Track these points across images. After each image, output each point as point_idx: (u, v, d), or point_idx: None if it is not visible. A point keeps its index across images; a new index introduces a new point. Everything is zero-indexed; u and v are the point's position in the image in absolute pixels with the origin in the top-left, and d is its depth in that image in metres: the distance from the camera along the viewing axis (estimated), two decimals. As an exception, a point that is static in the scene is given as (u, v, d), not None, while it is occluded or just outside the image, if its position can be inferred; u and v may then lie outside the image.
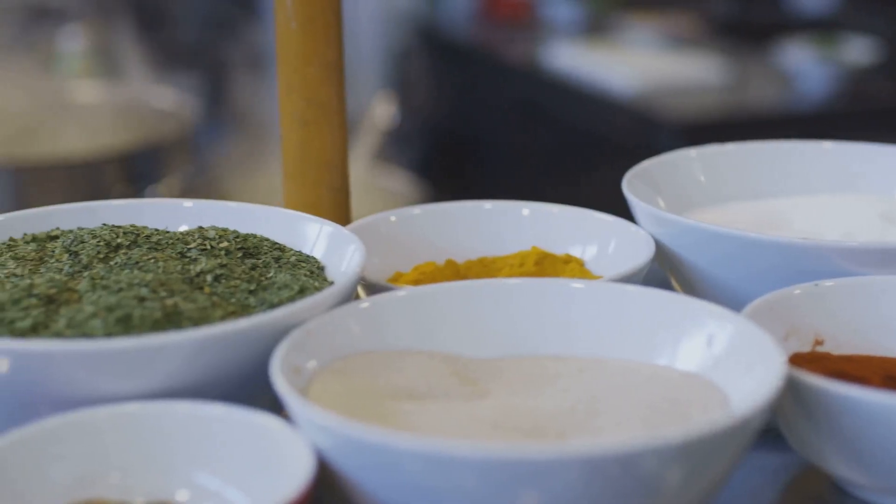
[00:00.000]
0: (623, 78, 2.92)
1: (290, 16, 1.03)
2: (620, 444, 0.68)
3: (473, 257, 1.06)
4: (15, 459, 0.73)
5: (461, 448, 0.68)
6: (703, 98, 2.87)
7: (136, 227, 0.96)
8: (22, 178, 1.99)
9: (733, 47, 3.27)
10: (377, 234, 1.02)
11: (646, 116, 2.83)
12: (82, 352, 0.76)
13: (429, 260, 1.05)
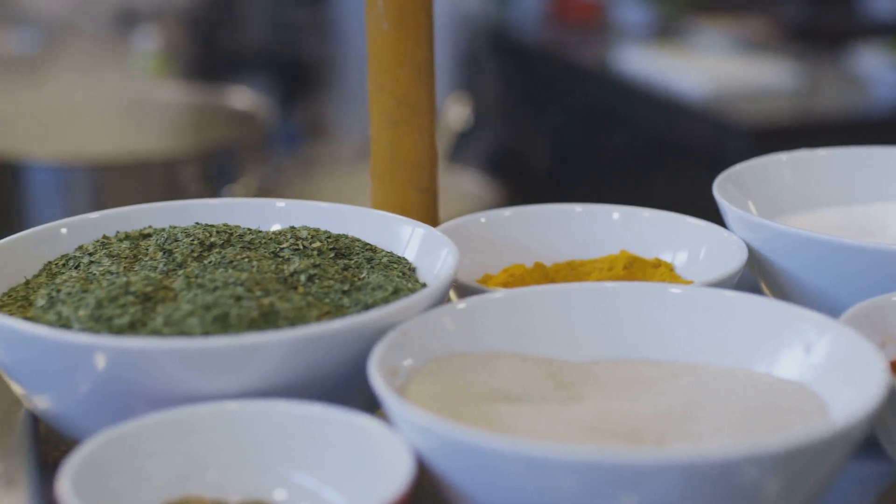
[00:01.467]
0: (694, 82, 2.90)
1: (381, 16, 1.03)
2: (721, 452, 0.67)
3: (561, 260, 1.05)
4: (115, 455, 0.73)
5: (562, 451, 0.67)
6: (774, 103, 2.85)
7: (228, 226, 0.96)
8: (99, 177, 2.00)
9: (805, 52, 3.24)
10: (467, 235, 1.01)
11: (716, 121, 2.81)
12: (180, 350, 0.76)
13: (517, 262, 1.04)
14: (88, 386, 0.79)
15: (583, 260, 1.04)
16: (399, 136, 1.06)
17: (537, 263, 1.03)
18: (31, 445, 0.86)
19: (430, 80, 1.06)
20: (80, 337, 0.78)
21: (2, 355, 0.83)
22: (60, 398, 0.82)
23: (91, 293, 0.85)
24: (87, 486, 0.70)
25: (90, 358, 0.77)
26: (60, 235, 0.97)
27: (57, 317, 0.84)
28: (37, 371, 0.81)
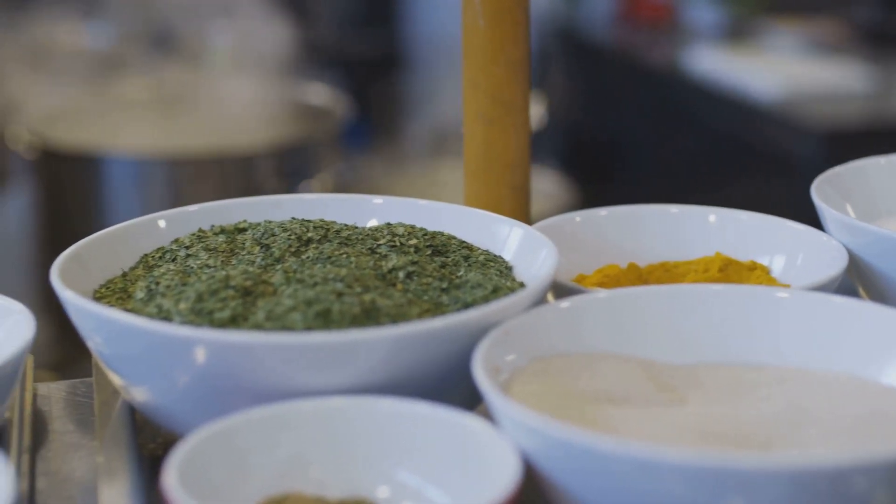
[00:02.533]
0: (765, 83, 2.88)
1: (477, 13, 1.03)
2: (832, 459, 0.66)
3: (655, 261, 1.04)
4: (219, 448, 0.73)
5: (671, 454, 0.66)
6: (846, 105, 2.82)
7: (324, 221, 0.96)
8: (176, 171, 2.01)
9: (878, 54, 3.21)
10: (561, 234, 1.00)
11: (788, 123, 2.78)
12: (284, 345, 0.76)
13: (610, 262, 1.03)
14: (188, 379, 0.79)
15: (677, 261, 1.03)
16: (493, 134, 1.05)
17: (631, 264, 1.02)
18: (129, 437, 0.86)
19: (526, 77, 1.05)
20: (183, 330, 0.77)
21: (102, 346, 0.83)
22: (159, 390, 0.82)
23: (191, 286, 0.85)
24: (191, 478, 0.70)
25: (192, 351, 0.77)
26: (157, 228, 0.97)
27: (157, 310, 0.84)
28: (137, 363, 0.81)
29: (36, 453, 0.87)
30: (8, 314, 0.88)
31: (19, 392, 0.91)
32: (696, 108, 3.14)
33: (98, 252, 0.93)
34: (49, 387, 0.97)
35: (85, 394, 0.96)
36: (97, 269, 0.92)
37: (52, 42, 2.63)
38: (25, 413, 0.90)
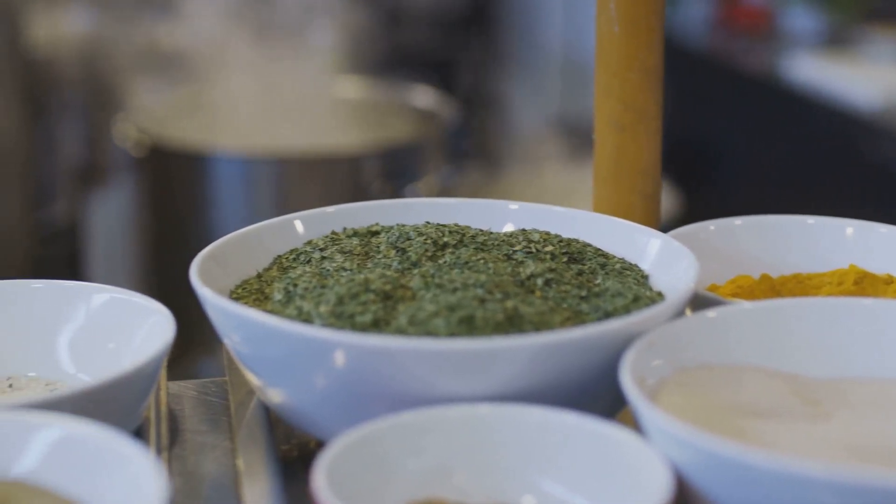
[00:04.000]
0: (865, 92, 2.84)
1: (612, 19, 1.02)
2: None
3: (787, 271, 1.03)
4: (367, 452, 0.73)
5: (823, 470, 0.65)
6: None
7: (459, 226, 0.96)
8: (283, 171, 2.02)
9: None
10: (695, 242, 0.99)
11: (888, 133, 2.74)
12: (430, 350, 0.76)
13: (741, 271, 1.02)
14: (328, 382, 0.79)
15: (810, 273, 1.02)
16: (625, 141, 1.04)
17: (764, 275, 1.01)
18: (266, 439, 0.86)
19: (659, 85, 1.04)
20: (327, 333, 0.77)
21: (241, 346, 0.83)
22: (298, 392, 0.82)
23: (330, 289, 0.85)
24: (338, 482, 0.70)
25: (335, 354, 0.77)
26: (291, 229, 0.97)
27: (297, 312, 0.84)
28: (277, 364, 0.81)
29: (171, 453, 0.87)
30: (148, 314, 0.88)
31: (154, 391, 0.91)
32: (794, 116, 3.11)
33: (233, 252, 0.93)
34: (178, 386, 0.98)
35: (216, 393, 0.96)
36: (232, 269, 0.92)
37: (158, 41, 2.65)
38: (162, 412, 0.90)
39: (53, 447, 0.71)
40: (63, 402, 0.77)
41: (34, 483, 0.71)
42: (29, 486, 0.72)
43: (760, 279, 1.01)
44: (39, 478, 0.71)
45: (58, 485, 0.71)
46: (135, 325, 0.89)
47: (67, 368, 0.91)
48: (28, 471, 0.72)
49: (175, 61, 2.60)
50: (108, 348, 0.90)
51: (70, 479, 0.71)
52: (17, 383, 0.90)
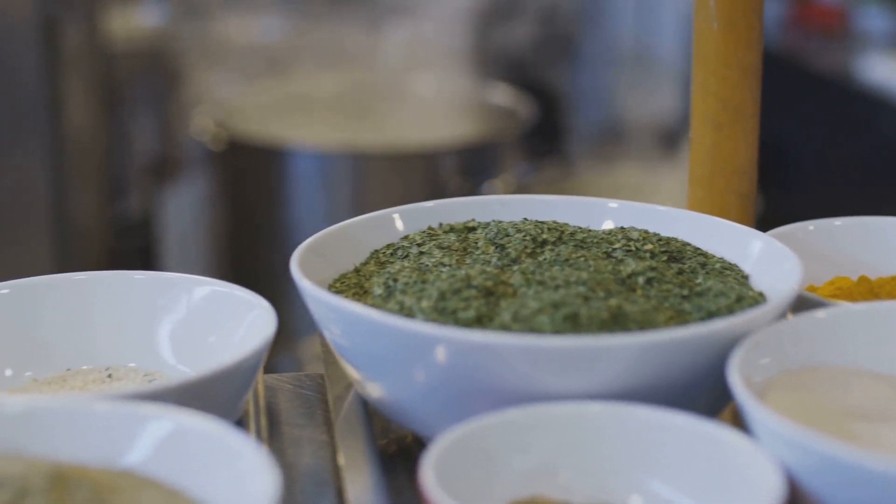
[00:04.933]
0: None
1: (711, 16, 1.01)
2: None
3: (885, 273, 1.01)
4: (474, 448, 0.73)
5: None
6: None
7: (557, 223, 0.95)
8: (360, 166, 2.02)
9: None
10: (794, 242, 0.98)
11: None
12: (535, 347, 0.75)
13: (839, 272, 1.01)
14: (431, 377, 0.79)
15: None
16: (721, 140, 1.03)
17: (862, 277, 1.00)
18: (366, 433, 0.86)
19: (757, 83, 1.03)
20: (432, 328, 0.77)
21: (340, 339, 0.83)
22: (399, 387, 0.82)
23: (432, 285, 0.85)
24: (445, 477, 0.70)
25: (439, 350, 0.77)
26: (388, 224, 0.97)
27: (399, 306, 0.84)
28: (379, 359, 0.81)
29: (269, 446, 0.87)
30: (250, 308, 0.89)
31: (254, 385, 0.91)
32: (867, 117, 3.08)
33: (332, 245, 0.93)
34: (273, 379, 0.98)
35: (311, 387, 0.97)
36: (330, 262, 0.92)
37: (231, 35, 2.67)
38: (260, 406, 0.90)
39: (164, 439, 0.72)
40: (167, 393, 0.77)
41: (142, 474, 0.72)
42: (136, 476, 0.72)
43: (859, 281, 0.99)
44: (148, 469, 0.72)
45: (167, 477, 0.71)
46: (236, 319, 0.89)
47: (167, 359, 0.91)
48: (137, 462, 0.72)
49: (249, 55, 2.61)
50: (209, 341, 0.90)
51: (179, 472, 0.71)
52: (117, 373, 0.91)
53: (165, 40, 2.75)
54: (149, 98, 2.74)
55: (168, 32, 2.77)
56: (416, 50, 2.51)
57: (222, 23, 2.76)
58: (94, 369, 0.92)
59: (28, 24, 2.03)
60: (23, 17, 2.03)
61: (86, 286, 0.93)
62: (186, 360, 0.91)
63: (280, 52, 2.56)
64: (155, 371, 0.91)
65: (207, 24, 2.76)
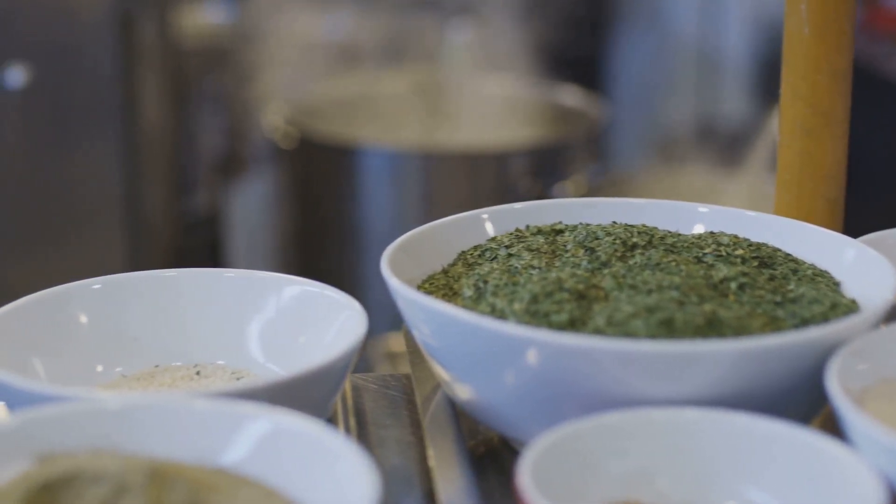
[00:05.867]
0: None
1: (803, 21, 1.00)
2: None
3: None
4: (570, 451, 0.73)
5: None
6: None
7: (647, 227, 0.95)
8: (430, 166, 2.02)
9: None
10: (882, 249, 0.97)
11: None
12: (631, 352, 0.75)
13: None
14: (523, 380, 0.79)
15: None
16: (810, 145, 1.03)
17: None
18: (456, 434, 0.86)
19: (847, 88, 1.02)
20: (526, 331, 0.77)
21: (431, 340, 0.83)
22: (489, 389, 0.82)
23: (523, 287, 0.84)
24: (542, 480, 0.70)
25: (532, 352, 0.77)
26: (476, 224, 0.97)
27: (490, 308, 0.83)
28: (470, 360, 0.81)
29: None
30: (342, 308, 0.89)
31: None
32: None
33: (421, 245, 0.93)
34: (357, 378, 0.98)
35: (395, 387, 0.97)
36: (418, 262, 0.92)
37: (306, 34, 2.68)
38: (349, 406, 0.90)
39: (262, 439, 0.72)
40: (261, 392, 0.77)
41: (240, 473, 0.72)
42: (231, 474, 0.72)
43: (949, 289, 0.98)
44: (245, 468, 0.72)
45: (263, 476, 0.71)
46: (327, 319, 0.89)
47: (256, 358, 0.92)
48: (235, 461, 0.72)
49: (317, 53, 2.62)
50: (299, 341, 0.90)
51: (277, 472, 0.71)
52: (205, 370, 0.91)
53: (233, 37, 2.76)
54: (216, 95, 2.76)
55: (236, 29, 2.79)
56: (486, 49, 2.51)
57: (290, 20, 2.77)
58: (183, 366, 0.92)
59: (105, 20, 2.05)
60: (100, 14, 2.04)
61: (176, 283, 0.94)
62: (275, 359, 0.91)
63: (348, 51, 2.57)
64: (242, 369, 0.91)
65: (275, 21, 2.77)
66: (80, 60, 2.06)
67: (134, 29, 2.10)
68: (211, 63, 2.72)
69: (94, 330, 0.91)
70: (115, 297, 0.92)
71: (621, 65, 3.03)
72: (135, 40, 2.11)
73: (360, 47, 2.59)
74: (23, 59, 2.04)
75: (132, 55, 2.11)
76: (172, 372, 0.91)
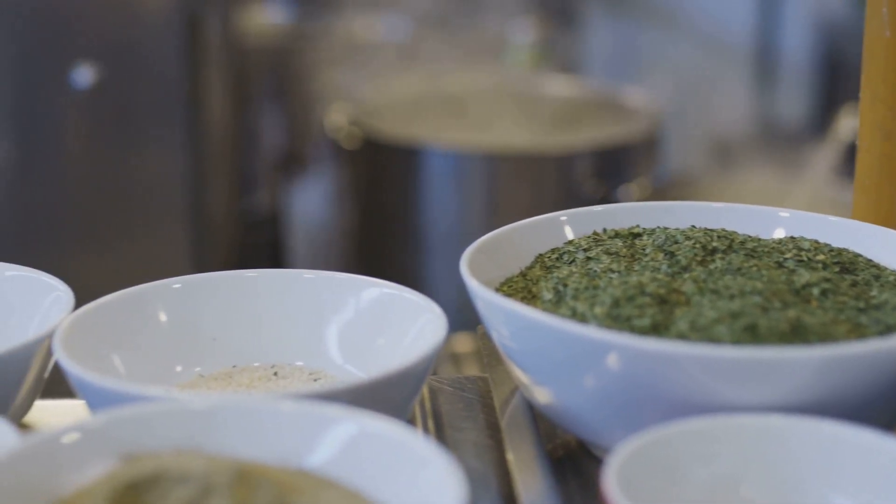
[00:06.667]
0: None
1: (884, 24, 0.99)
2: None
3: None
4: (656, 456, 0.72)
5: None
6: None
7: (727, 231, 0.94)
8: (494, 167, 2.02)
9: None
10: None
11: None
12: (715, 357, 0.75)
13: None
14: (604, 384, 0.79)
15: None
16: (890, 149, 1.01)
17: None
18: (535, 437, 0.86)
19: (929, 91, 1.01)
20: (611, 336, 0.77)
21: (511, 342, 0.83)
22: (569, 393, 0.81)
23: (604, 291, 0.84)
24: (629, 485, 0.69)
25: (614, 357, 0.76)
26: (553, 227, 0.97)
27: (571, 312, 0.83)
28: (552, 363, 0.81)
29: (437, 449, 0.88)
30: (421, 311, 0.89)
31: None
32: None
33: (500, 247, 0.93)
34: (432, 380, 0.98)
35: (471, 389, 0.96)
36: (496, 264, 0.92)
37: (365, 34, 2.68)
38: (427, 409, 0.90)
39: (348, 441, 0.71)
40: (341, 394, 0.77)
41: (324, 475, 0.72)
42: (315, 476, 0.72)
43: None
44: (329, 471, 0.72)
45: (349, 479, 0.71)
46: (407, 322, 0.89)
47: (334, 359, 0.92)
48: (319, 463, 0.72)
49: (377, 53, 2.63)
50: (378, 343, 0.90)
51: (362, 475, 0.71)
52: (282, 371, 0.91)
53: (293, 37, 2.77)
54: (277, 94, 2.77)
55: (296, 29, 2.80)
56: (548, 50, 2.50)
57: (349, 20, 2.77)
58: (260, 367, 0.92)
59: (171, 21, 2.06)
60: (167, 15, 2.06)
61: (255, 283, 0.94)
62: (353, 361, 0.91)
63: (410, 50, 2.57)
64: (320, 370, 0.92)
65: (334, 21, 2.78)
66: (147, 60, 2.08)
67: (200, 29, 2.11)
68: (272, 62, 2.73)
69: (174, 329, 0.92)
70: (195, 297, 0.93)
71: (676, 65, 3.02)
72: (200, 40, 2.12)
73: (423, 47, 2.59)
74: (91, 59, 2.06)
75: (198, 55, 2.12)
76: (250, 372, 0.92)
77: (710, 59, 3.15)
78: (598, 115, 2.26)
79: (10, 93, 2.05)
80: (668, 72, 3.01)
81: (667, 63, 2.97)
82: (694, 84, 3.07)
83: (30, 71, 2.05)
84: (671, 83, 2.94)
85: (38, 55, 2.05)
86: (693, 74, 2.98)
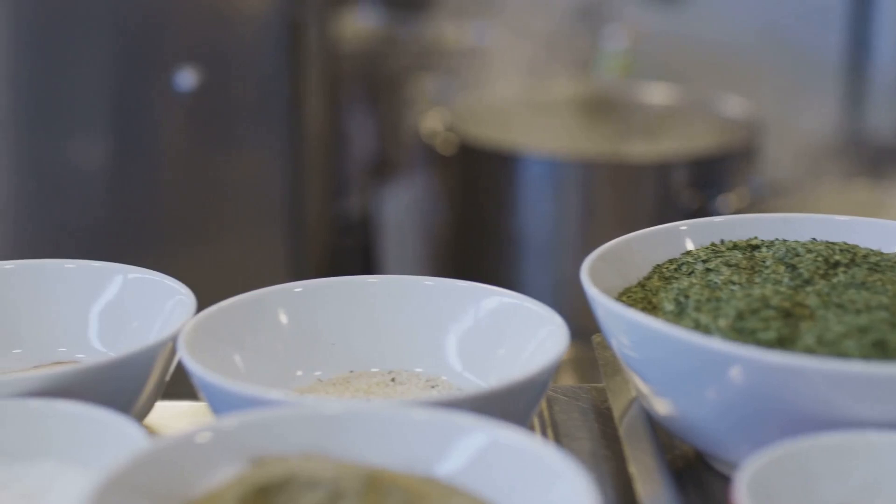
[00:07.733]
0: None
1: None
2: None
3: None
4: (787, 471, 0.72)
5: None
6: None
7: (848, 244, 0.93)
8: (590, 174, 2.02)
9: None
10: None
11: None
12: (845, 373, 0.74)
13: None
14: (727, 396, 0.78)
15: None
16: None
17: None
18: (656, 449, 0.85)
19: None
20: (738, 349, 0.76)
21: (632, 352, 0.83)
22: (692, 404, 0.81)
23: (727, 303, 0.84)
24: (760, 497, 0.69)
25: (743, 370, 0.76)
26: (673, 236, 0.96)
27: (694, 324, 0.83)
28: (674, 374, 0.81)
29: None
30: (543, 322, 0.88)
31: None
32: None
33: (618, 256, 0.93)
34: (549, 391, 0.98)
35: (585, 399, 0.96)
36: (615, 274, 0.92)
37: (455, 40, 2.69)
38: (545, 419, 0.90)
39: (479, 451, 0.71)
40: (464, 402, 0.77)
41: (453, 484, 0.72)
42: (442, 484, 0.72)
43: None
44: (459, 480, 0.72)
45: (478, 489, 0.71)
46: (528, 331, 0.89)
47: (453, 366, 0.92)
48: (448, 472, 0.72)
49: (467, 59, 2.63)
50: (498, 352, 0.90)
51: (492, 486, 0.70)
52: (400, 377, 0.92)
53: (385, 42, 2.78)
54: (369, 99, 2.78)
55: (387, 34, 2.81)
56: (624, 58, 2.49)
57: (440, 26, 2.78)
58: (378, 372, 0.93)
59: (273, 25, 2.08)
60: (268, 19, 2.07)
61: (373, 289, 0.94)
62: (472, 369, 0.91)
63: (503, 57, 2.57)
64: (437, 377, 0.92)
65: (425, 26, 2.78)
66: (249, 64, 2.10)
67: (300, 33, 2.13)
68: (364, 67, 2.74)
69: (294, 333, 0.92)
70: (315, 301, 0.93)
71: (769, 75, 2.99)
72: (300, 45, 2.14)
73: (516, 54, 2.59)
74: (194, 62, 2.08)
75: (298, 59, 2.13)
76: (368, 378, 0.92)
77: (801, 70, 3.13)
78: (692, 123, 2.25)
79: (114, 95, 2.08)
80: (762, 81, 2.99)
81: (760, 73, 2.95)
82: (786, 94, 3.05)
83: (133, 73, 2.08)
84: (766, 93, 2.92)
85: (142, 58, 2.07)
86: (786, 85, 2.96)
